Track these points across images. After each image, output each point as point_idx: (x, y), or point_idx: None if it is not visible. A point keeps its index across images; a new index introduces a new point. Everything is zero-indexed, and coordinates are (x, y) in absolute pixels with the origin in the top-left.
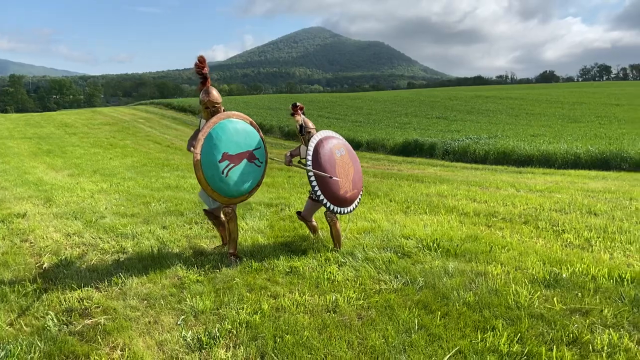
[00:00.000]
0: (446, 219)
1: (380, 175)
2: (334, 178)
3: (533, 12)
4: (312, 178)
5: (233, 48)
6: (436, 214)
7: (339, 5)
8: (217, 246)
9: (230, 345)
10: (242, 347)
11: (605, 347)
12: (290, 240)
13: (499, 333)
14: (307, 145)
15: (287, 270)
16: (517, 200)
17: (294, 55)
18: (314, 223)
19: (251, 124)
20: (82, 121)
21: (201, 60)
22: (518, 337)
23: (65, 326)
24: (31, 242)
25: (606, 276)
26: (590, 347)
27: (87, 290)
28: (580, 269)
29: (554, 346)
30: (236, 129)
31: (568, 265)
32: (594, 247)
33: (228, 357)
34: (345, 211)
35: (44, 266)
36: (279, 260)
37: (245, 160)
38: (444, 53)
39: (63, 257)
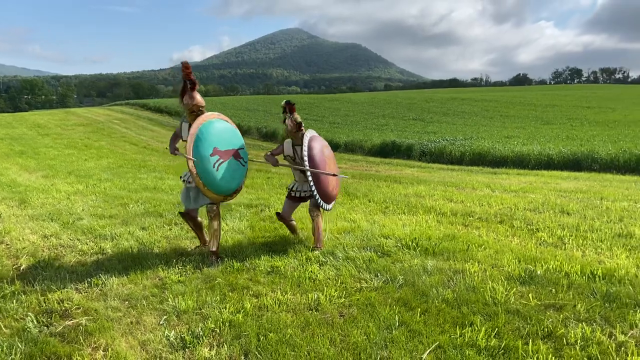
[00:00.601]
0: (424, 218)
1: (358, 176)
2: (339, 175)
3: (507, 16)
4: (310, 178)
5: (210, 49)
6: (414, 214)
7: (317, 8)
8: (197, 247)
9: (214, 344)
10: (225, 346)
11: (579, 341)
12: (271, 240)
13: (477, 328)
14: (295, 142)
15: (269, 269)
16: (493, 200)
17: (271, 57)
18: (294, 222)
19: (234, 125)
20: (55, 122)
21: (187, 67)
22: (495, 332)
23: (45, 327)
24: (7, 244)
25: (579, 273)
26: (565, 341)
27: (67, 291)
28: (554, 266)
29: (530, 340)
30: (223, 127)
31: (542, 263)
32: (566, 245)
33: (212, 355)
34: (329, 207)
35: (22, 268)
36: (261, 260)
37: (232, 158)
38: (420, 55)
39: (41, 258)
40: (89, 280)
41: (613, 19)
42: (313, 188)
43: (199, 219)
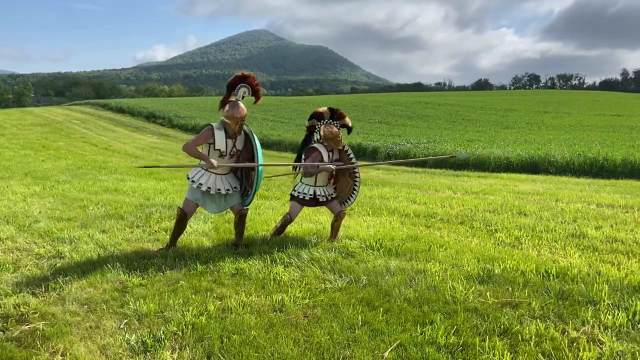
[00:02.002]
0: (388, 220)
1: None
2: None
3: (468, 23)
4: (358, 178)
5: (175, 48)
6: (379, 216)
7: (284, 10)
8: (161, 249)
9: (176, 347)
10: (188, 349)
11: (533, 337)
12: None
13: (437, 326)
14: (329, 147)
15: (233, 271)
16: (454, 202)
17: (237, 58)
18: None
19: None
20: (11, 121)
21: (254, 78)
22: (454, 329)
23: (1, 332)
24: None
25: (534, 272)
26: (520, 337)
27: (23, 295)
28: (511, 265)
29: (487, 337)
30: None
31: (500, 262)
32: (523, 245)
33: (174, 358)
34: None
35: None
36: (225, 262)
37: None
38: (386, 59)
39: None
40: (46, 284)
41: (569, 27)
42: (356, 187)
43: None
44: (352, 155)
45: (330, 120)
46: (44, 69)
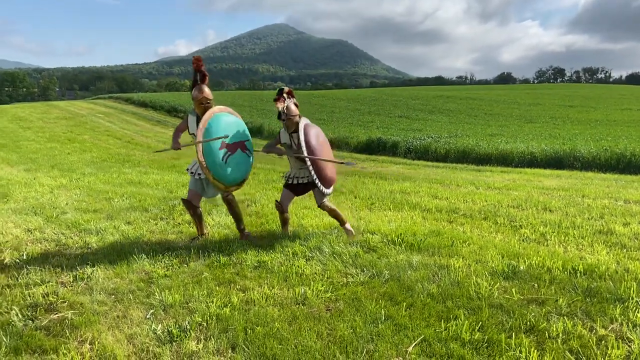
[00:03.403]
0: (410, 215)
1: (344, 172)
2: (350, 164)
3: (491, 15)
4: (308, 162)
5: (195, 43)
6: (400, 210)
7: (304, 3)
8: (194, 238)
9: (201, 337)
10: (213, 339)
11: (561, 334)
12: (257, 235)
13: (461, 322)
14: (290, 130)
15: (256, 264)
16: (477, 197)
17: (257, 52)
18: (288, 216)
19: (240, 118)
20: (37, 115)
21: (198, 59)
22: (479, 325)
23: (30, 321)
24: None
25: (561, 268)
26: (547, 335)
27: (52, 285)
28: (537, 261)
29: (513, 334)
30: (230, 121)
31: (525, 259)
32: (549, 241)
33: (199, 349)
34: (329, 192)
35: (5, 262)
36: (247, 255)
37: (239, 150)
38: (406, 53)
39: (25, 252)
40: (74, 274)
41: (594, 20)
42: (313, 174)
43: (200, 209)
44: (302, 138)
45: (289, 99)
46: (68, 63)
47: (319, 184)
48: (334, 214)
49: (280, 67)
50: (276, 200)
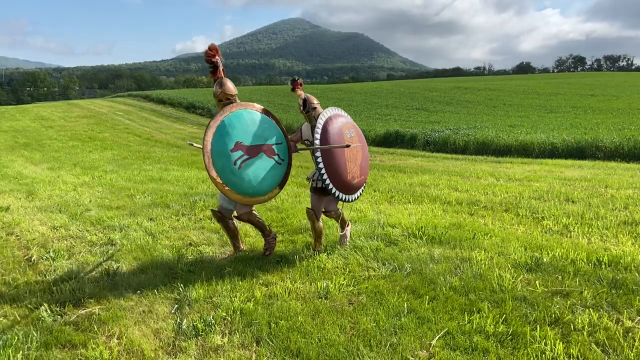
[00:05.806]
0: (430, 207)
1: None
2: (352, 145)
3: (509, 4)
4: (320, 160)
5: (212, 39)
6: (420, 203)
7: None
8: (228, 255)
9: (226, 331)
10: (237, 333)
11: (586, 327)
12: (278, 230)
13: (484, 315)
14: (312, 123)
15: (277, 259)
16: (498, 189)
17: (273, 47)
18: (321, 225)
19: (273, 118)
20: (58, 114)
21: (212, 48)
22: (503, 318)
23: (59, 317)
24: (17, 236)
25: (585, 260)
26: (572, 327)
27: (78, 281)
28: (560, 253)
29: (537, 326)
30: (253, 119)
31: (548, 250)
32: (572, 232)
33: (224, 343)
34: (351, 199)
35: (33, 259)
36: None
37: (262, 154)
38: (423, 45)
39: (51, 249)
40: (100, 270)
41: (615, 6)
42: (325, 176)
43: (233, 222)
44: (317, 133)
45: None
46: (87, 62)
47: (332, 187)
48: (340, 219)
49: (297, 61)
50: (307, 207)
